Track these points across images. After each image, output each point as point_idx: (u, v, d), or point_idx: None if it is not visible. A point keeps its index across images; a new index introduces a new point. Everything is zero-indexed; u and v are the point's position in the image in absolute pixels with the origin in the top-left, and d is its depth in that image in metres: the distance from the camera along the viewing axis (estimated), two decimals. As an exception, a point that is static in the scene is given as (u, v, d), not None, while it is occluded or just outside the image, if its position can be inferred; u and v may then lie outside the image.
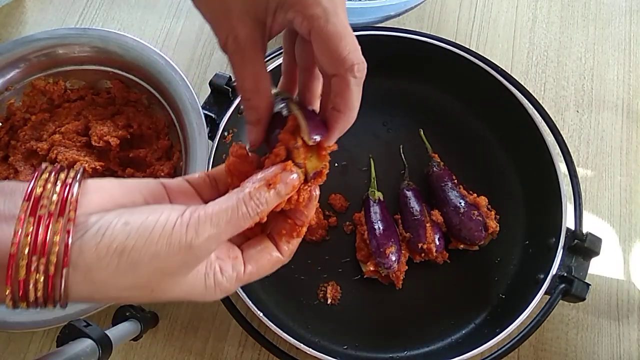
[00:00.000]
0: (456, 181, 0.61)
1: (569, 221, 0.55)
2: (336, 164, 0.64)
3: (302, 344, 0.50)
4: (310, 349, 0.50)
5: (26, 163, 0.60)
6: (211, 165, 0.56)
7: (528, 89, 0.61)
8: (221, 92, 0.60)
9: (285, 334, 0.50)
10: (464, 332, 0.57)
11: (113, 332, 0.45)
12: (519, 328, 0.51)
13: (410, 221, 0.58)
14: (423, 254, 0.57)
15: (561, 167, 0.57)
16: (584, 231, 0.54)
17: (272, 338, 0.52)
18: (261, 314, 0.50)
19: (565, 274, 0.52)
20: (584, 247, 0.53)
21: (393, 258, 0.55)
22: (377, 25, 0.67)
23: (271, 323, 0.50)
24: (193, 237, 0.26)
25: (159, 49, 0.60)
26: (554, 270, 0.53)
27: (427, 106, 0.67)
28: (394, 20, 0.71)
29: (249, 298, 0.51)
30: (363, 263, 0.58)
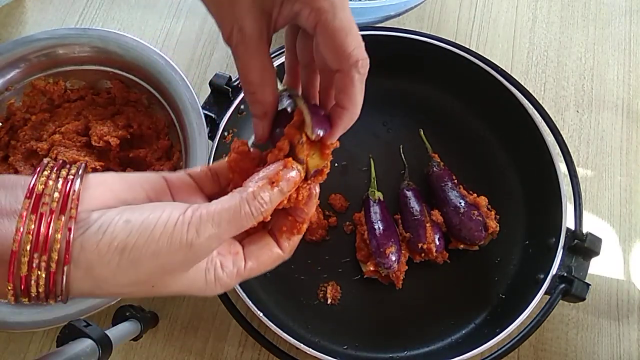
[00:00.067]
0: (456, 181, 0.61)
1: (569, 221, 0.55)
2: (336, 164, 0.64)
3: (302, 344, 0.50)
4: (310, 349, 0.50)
5: (26, 163, 0.60)
6: (211, 165, 0.56)
7: (528, 89, 0.61)
8: (221, 92, 0.60)
9: (285, 334, 0.50)
10: (464, 332, 0.57)
11: (113, 332, 0.45)
12: (519, 328, 0.50)
13: (410, 221, 0.58)
14: (423, 254, 0.57)
15: (561, 167, 0.57)
16: (584, 231, 0.54)
17: (272, 338, 0.52)
18: (261, 314, 0.50)
19: (565, 274, 0.52)
20: (584, 247, 0.53)
21: (393, 258, 0.55)
22: (377, 25, 0.67)
23: (271, 323, 0.50)
24: (194, 236, 0.26)
25: (159, 49, 0.60)
26: (554, 270, 0.53)
27: (427, 106, 0.67)
28: (394, 20, 0.71)
29: (249, 298, 0.51)
30: (363, 263, 0.58)
